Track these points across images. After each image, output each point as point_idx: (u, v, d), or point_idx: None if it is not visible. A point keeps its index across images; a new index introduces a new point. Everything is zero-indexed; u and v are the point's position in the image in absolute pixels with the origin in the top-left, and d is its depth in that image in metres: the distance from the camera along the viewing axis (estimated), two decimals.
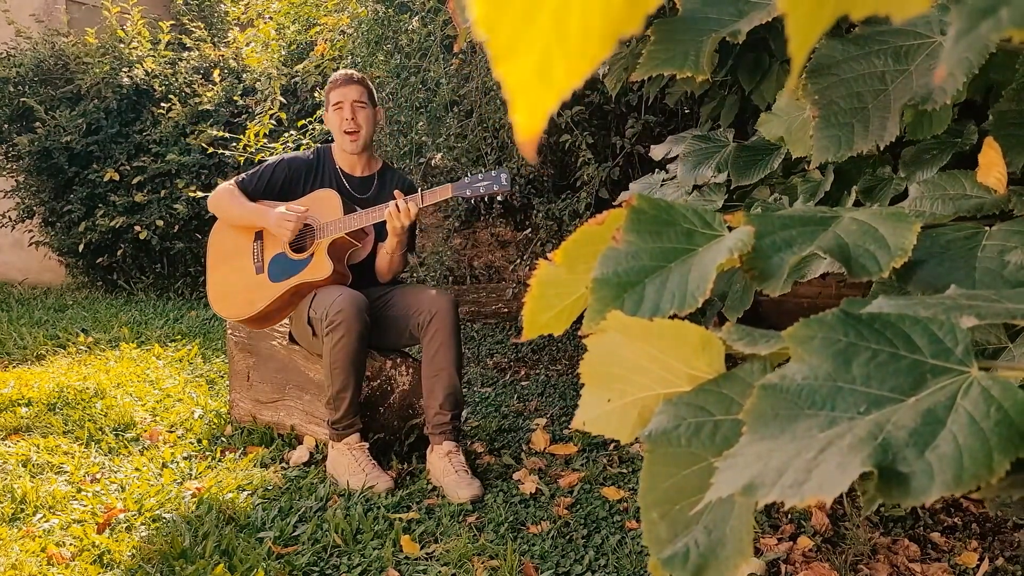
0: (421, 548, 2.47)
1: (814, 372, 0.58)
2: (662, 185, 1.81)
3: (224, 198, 3.27)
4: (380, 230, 3.22)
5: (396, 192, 3.06)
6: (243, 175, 3.31)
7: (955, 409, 0.53)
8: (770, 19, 1.11)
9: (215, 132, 6.21)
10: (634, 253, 0.69)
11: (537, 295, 0.75)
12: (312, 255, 3.15)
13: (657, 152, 1.95)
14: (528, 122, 0.35)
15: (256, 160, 5.39)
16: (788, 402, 0.57)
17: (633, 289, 0.68)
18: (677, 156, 1.81)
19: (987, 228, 0.91)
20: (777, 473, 0.51)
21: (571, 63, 0.34)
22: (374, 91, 3.39)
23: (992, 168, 1.03)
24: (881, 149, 0.98)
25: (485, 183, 3.04)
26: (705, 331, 0.65)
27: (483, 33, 0.34)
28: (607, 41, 0.34)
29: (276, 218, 3.12)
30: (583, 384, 0.71)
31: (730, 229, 0.73)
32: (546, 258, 0.75)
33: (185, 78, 7.07)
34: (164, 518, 2.65)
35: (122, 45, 7.16)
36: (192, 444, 3.39)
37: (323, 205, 3.18)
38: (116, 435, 3.47)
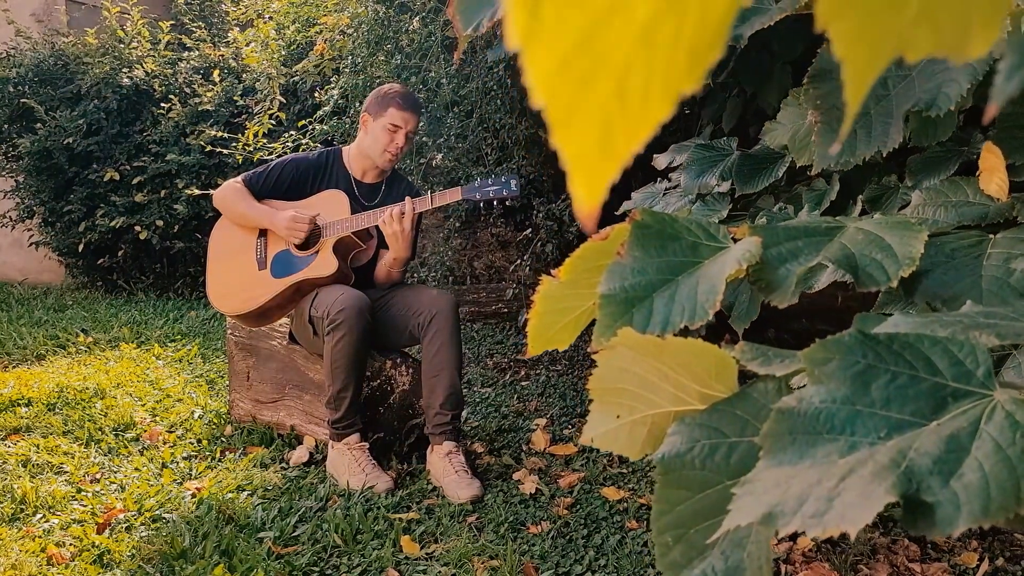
0: (421, 548, 2.48)
1: (832, 395, 0.57)
2: (665, 194, 1.80)
3: (231, 196, 3.25)
4: (383, 235, 3.22)
5: (407, 200, 3.05)
6: (250, 173, 3.28)
7: (979, 435, 0.52)
8: (771, 23, 1.11)
9: (215, 132, 6.20)
10: (640, 268, 0.69)
11: (541, 311, 0.74)
12: (317, 252, 3.14)
13: (661, 161, 1.94)
14: (589, 193, 0.33)
15: (256, 160, 5.39)
16: (806, 426, 0.56)
17: (642, 304, 0.67)
18: (680, 164, 1.81)
19: (991, 236, 0.90)
20: (798, 502, 0.50)
21: (632, 127, 0.32)
22: None
23: (993, 174, 1.03)
24: (885, 155, 0.98)
25: (495, 188, 3.03)
26: (718, 349, 0.64)
27: (541, 100, 0.32)
28: (668, 101, 0.32)
29: (286, 222, 3.11)
30: (591, 399, 0.70)
31: (735, 241, 0.73)
32: (549, 273, 0.74)
33: (185, 78, 7.05)
34: (164, 518, 2.65)
35: (122, 45, 7.15)
36: (192, 444, 3.39)
37: (330, 205, 3.18)
38: (116, 435, 3.47)
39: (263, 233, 3.25)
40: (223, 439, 3.47)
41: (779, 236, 0.74)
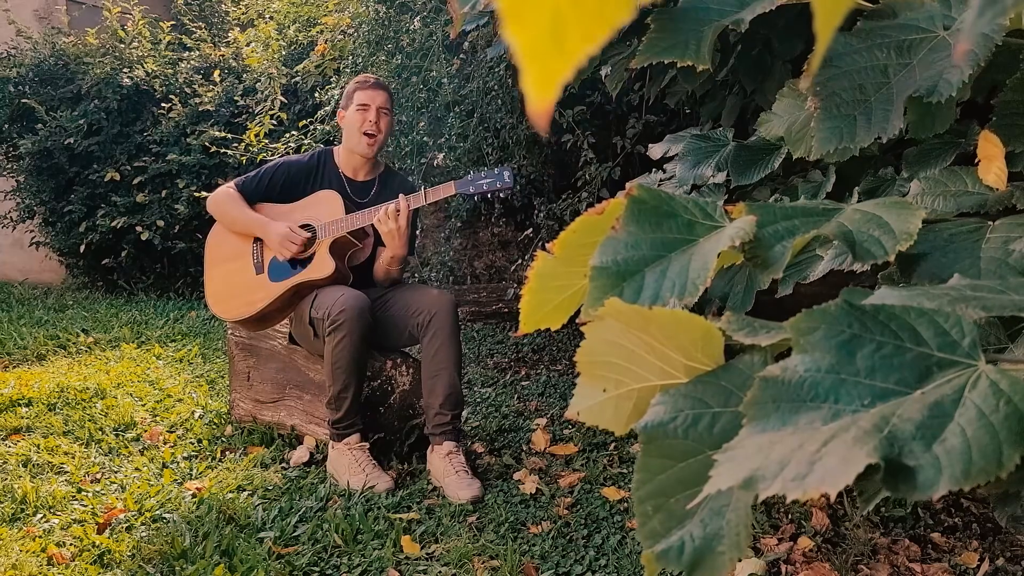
0: (421, 548, 2.47)
1: (817, 364, 0.57)
2: (660, 184, 1.80)
3: (224, 201, 3.25)
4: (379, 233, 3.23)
5: (400, 197, 3.06)
6: (243, 178, 3.29)
7: (963, 402, 0.52)
8: (773, 8, 1.11)
9: (216, 132, 6.20)
10: (634, 242, 0.68)
11: (535, 288, 0.74)
12: (313, 254, 3.14)
13: (655, 151, 1.93)
14: (540, 90, 0.32)
15: (258, 160, 5.39)
16: (790, 394, 0.56)
17: (633, 278, 0.67)
18: (675, 155, 1.80)
19: (990, 223, 0.90)
20: (779, 466, 0.50)
21: (586, 25, 0.32)
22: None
23: (992, 163, 1.02)
24: (884, 144, 0.97)
25: (488, 180, 3.04)
26: (704, 321, 0.63)
27: None
28: (623, 4, 0.32)
29: (279, 237, 3.11)
30: (579, 372, 0.70)
31: (731, 220, 0.73)
32: (545, 249, 0.74)
33: (186, 78, 7.05)
34: (164, 518, 2.64)
35: (123, 45, 7.15)
36: (192, 444, 3.39)
37: (325, 205, 3.18)
38: (116, 435, 3.47)
39: (259, 237, 3.25)
40: (223, 439, 3.47)
41: (775, 215, 0.74)
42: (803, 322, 0.59)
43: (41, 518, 2.66)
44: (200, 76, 7.07)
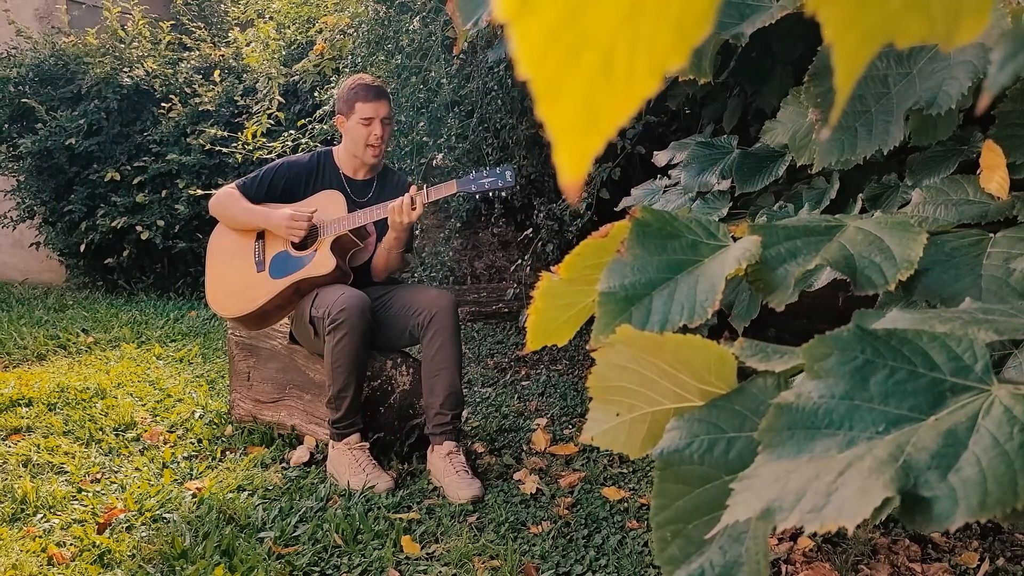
0: (422, 548, 2.47)
1: (831, 390, 0.56)
2: (665, 191, 1.80)
3: (226, 201, 3.26)
4: (382, 231, 3.23)
5: (412, 187, 3.07)
6: (244, 179, 3.31)
7: (977, 430, 0.52)
8: (773, 21, 1.11)
9: (216, 132, 6.20)
10: (640, 266, 0.68)
11: (541, 307, 0.74)
12: (315, 252, 3.15)
13: (661, 158, 1.93)
14: (573, 166, 0.33)
15: (255, 159, 5.39)
16: (804, 421, 0.56)
17: (641, 302, 0.67)
18: (680, 162, 1.80)
19: (991, 235, 0.90)
20: (796, 497, 0.50)
21: (617, 101, 0.32)
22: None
23: (994, 172, 1.02)
24: (885, 154, 0.97)
25: (489, 179, 3.05)
26: (717, 345, 0.63)
27: (527, 72, 0.32)
28: (653, 77, 0.32)
29: (284, 220, 3.12)
30: (591, 397, 0.70)
31: (735, 239, 0.73)
32: (549, 269, 0.74)
33: (186, 78, 7.04)
34: (165, 518, 2.64)
35: (123, 45, 7.14)
36: (192, 444, 3.39)
37: (327, 204, 3.19)
38: (116, 435, 3.47)
39: (260, 236, 3.27)
40: (224, 439, 3.47)
41: (778, 236, 0.74)
42: (816, 348, 0.59)
43: (41, 518, 2.66)
44: (200, 76, 7.06)
